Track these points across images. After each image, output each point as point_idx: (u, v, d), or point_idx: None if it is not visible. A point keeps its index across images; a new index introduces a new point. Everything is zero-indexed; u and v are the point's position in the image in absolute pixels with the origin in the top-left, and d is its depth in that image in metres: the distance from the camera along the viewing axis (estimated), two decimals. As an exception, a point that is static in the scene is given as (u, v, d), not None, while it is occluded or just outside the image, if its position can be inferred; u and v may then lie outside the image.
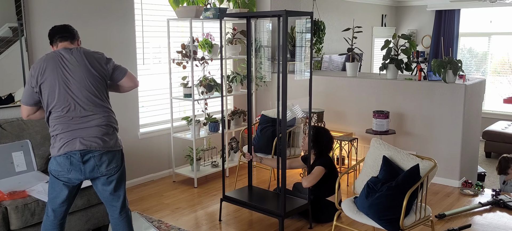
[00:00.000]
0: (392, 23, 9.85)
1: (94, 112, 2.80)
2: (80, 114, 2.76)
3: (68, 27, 2.95)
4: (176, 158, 5.29)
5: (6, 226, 3.10)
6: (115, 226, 2.97)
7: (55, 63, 2.77)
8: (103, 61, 2.89)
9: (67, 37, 2.90)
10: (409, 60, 5.48)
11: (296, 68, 6.27)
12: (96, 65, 2.85)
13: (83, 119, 2.76)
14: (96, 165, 2.76)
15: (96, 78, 2.83)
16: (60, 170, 2.75)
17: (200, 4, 5.17)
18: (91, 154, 2.73)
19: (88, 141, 2.73)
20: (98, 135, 2.76)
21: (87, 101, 2.78)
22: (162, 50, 5.28)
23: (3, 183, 3.40)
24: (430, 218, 3.22)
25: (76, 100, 2.76)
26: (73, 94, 2.76)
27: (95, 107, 2.81)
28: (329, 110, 5.70)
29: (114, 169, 2.83)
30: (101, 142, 2.76)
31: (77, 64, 2.79)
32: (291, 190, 4.33)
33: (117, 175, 2.86)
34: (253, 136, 4.88)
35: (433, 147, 5.10)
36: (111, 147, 2.81)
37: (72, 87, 2.76)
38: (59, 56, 2.79)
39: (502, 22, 9.01)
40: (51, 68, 2.75)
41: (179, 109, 5.49)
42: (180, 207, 4.43)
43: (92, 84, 2.80)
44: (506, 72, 9.30)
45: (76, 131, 2.74)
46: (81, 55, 2.82)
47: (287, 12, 3.38)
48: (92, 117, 2.78)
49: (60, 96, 2.74)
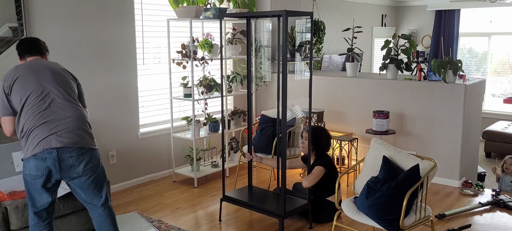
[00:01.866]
0: (392, 23, 9.85)
1: (68, 106, 2.76)
2: (55, 104, 2.71)
3: (36, 41, 2.98)
4: (176, 158, 5.29)
5: (6, 226, 3.10)
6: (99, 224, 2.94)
7: (26, 67, 2.80)
8: (70, 75, 2.93)
9: (35, 53, 2.92)
10: (409, 60, 5.48)
11: (296, 68, 6.27)
12: (65, 73, 2.89)
13: (57, 110, 2.71)
14: (73, 165, 2.69)
15: (67, 79, 2.86)
16: (34, 174, 2.65)
17: (200, 4, 5.17)
18: (68, 154, 2.67)
19: (64, 137, 2.66)
20: (75, 129, 2.71)
21: (59, 93, 2.76)
22: (162, 50, 5.28)
23: (3, 183, 3.40)
24: (430, 218, 3.22)
25: (50, 88, 2.74)
26: (46, 84, 2.74)
27: (68, 102, 2.78)
28: (329, 110, 5.70)
29: (92, 169, 2.79)
30: (77, 137, 2.70)
31: (48, 66, 2.83)
32: (291, 190, 4.33)
33: (96, 175, 2.82)
34: (253, 136, 4.88)
35: (433, 147, 5.10)
36: (89, 144, 2.76)
37: (45, 78, 2.76)
38: (29, 63, 2.84)
39: (502, 22, 9.01)
40: (23, 71, 2.77)
41: (179, 109, 5.49)
42: (180, 207, 4.43)
43: (64, 82, 2.82)
44: (506, 72, 9.30)
45: (51, 122, 2.67)
46: (50, 63, 2.89)
47: (287, 12, 3.38)
48: (66, 108, 2.74)
49: (33, 84, 2.71)
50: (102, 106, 4.62)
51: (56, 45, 4.19)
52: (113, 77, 4.69)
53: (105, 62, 4.61)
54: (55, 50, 4.20)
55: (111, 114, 4.72)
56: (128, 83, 4.84)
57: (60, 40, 4.22)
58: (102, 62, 4.58)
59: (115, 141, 4.79)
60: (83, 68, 4.41)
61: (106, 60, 4.61)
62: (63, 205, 3.31)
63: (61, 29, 4.22)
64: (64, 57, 4.26)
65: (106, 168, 4.67)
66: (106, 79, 4.64)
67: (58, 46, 4.21)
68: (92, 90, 4.51)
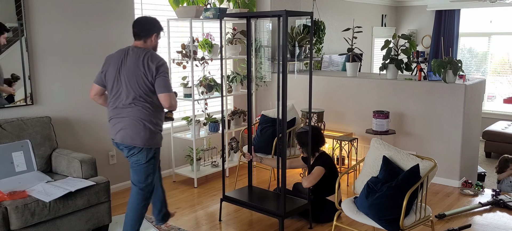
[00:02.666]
0: (392, 23, 9.85)
1: (132, 107, 3.14)
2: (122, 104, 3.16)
3: (142, 23, 3.25)
4: (176, 158, 5.29)
5: (6, 226, 3.10)
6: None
7: (118, 58, 3.22)
8: (147, 68, 3.13)
9: (140, 36, 3.22)
10: (409, 60, 5.48)
11: (296, 68, 6.28)
12: (143, 68, 3.13)
13: (122, 110, 3.16)
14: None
15: (142, 79, 3.14)
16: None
17: (200, 4, 5.17)
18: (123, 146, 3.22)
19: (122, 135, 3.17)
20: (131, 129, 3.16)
21: (126, 96, 3.15)
22: (162, 50, 5.27)
23: (3, 183, 3.40)
24: (430, 218, 3.23)
25: (122, 90, 3.17)
26: (121, 85, 3.17)
27: (134, 104, 3.15)
28: (329, 110, 5.70)
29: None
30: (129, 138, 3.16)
31: (130, 64, 3.16)
32: (291, 190, 4.33)
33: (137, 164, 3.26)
34: (253, 136, 4.88)
35: (433, 147, 5.10)
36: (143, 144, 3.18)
37: (122, 81, 3.16)
38: (125, 52, 3.23)
39: (502, 22, 9.01)
40: (114, 60, 3.22)
41: (179, 109, 5.48)
42: (180, 207, 4.43)
43: (137, 83, 3.13)
44: (506, 72, 9.30)
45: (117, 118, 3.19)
46: (136, 57, 3.16)
47: (287, 12, 3.38)
48: (129, 110, 3.14)
49: (113, 84, 3.19)
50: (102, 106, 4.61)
51: (56, 45, 4.19)
52: (113, 77, 4.69)
53: (105, 62, 4.60)
54: (55, 50, 4.20)
55: (111, 115, 4.71)
56: (128, 83, 4.83)
57: (60, 40, 4.22)
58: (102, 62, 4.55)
59: (115, 141, 4.79)
60: (83, 68, 4.41)
61: (106, 60, 4.60)
62: (63, 205, 3.31)
63: (61, 29, 4.22)
64: (64, 57, 4.26)
65: (106, 168, 4.70)
66: (106, 79, 4.63)
67: (58, 46, 4.21)
68: (92, 90, 4.51)
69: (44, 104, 4.16)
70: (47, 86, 4.17)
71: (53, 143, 3.94)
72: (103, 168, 4.62)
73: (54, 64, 4.20)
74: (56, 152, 3.89)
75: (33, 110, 4.08)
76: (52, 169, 3.88)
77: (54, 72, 4.20)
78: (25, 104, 4.02)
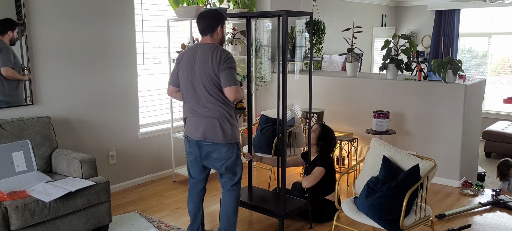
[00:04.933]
0: (392, 23, 9.85)
1: (207, 106, 3.18)
2: (196, 103, 3.21)
3: (205, 19, 3.26)
4: (176, 158, 5.29)
5: (6, 226, 3.10)
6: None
7: (188, 56, 3.25)
8: (216, 64, 3.13)
9: (206, 32, 3.24)
10: (409, 60, 5.48)
11: (296, 68, 6.27)
12: (212, 65, 3.13)
13: (195, 107, 3.22)
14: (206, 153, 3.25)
15: (212, 76, 3.15)
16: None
17: (200, 4, 5.17)
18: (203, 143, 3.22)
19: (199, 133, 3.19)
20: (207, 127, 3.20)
21: (200, 94, 3.18)
22: (162, 50, 5.28)
23: (3, 183, 3.40)
24: (430, 218, 3.22)
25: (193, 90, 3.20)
26: (194, 85, 3.19)
27: (207, 101, 3.18)
28: (329, 110, 5.70)
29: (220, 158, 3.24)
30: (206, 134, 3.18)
31: (199, 62, 3.17)
32: (290, 190, 4.33)
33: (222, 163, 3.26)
34: (253, 136, 4.88)
35: (433, 147, 5.10)
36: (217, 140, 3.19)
37: (194, 79, 3.18)
38: (194, 49, 3.25)
39: (502, 22, 9.01)
40: (185, 59, 3.26)
41: (179, 109, 5.48)
42: (180, 207, 4.43)
43: (209, 81, 3.14)
44: (506, 72, 9.30)
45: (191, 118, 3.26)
46: (205, 54, 3.17)
47: (287, 12, 3.38)
48: (204, 110, 3.19)
49: (186, 84, 3.23)
50: (102, 106, 4.63)
51: (56, 45, 4.19)
52: (113, 77, 4.69)
53: (105, 62, 4.61)
54: (55, 50, 4.20)
55: (111, 115, 4.72)
56: (128, 83, 4.84)
57: (60, 40, 4.22)
58: (102, 62, 4.58)
59: (115, 141, 4.79)
60: (83, 68, 4.41)
61: (106, 60, 4.61)
62: (63, 205, 3.31)
63: (61, 29, 4.22)
64: (64, 57, 4.26)
65: (106, 168, 4.70)
66: (106, 79, 4.64)
67: (58, 46, 4.21)
68: (92, 90, 4.51)
69: (44, 104, 4.16)
70: (47, 86, 4.17)
71: (53, 143, 3.94)
72: (103, 168, 4.63)
73: (54, 64, 4.20)
74: (56, 152, 3.89)
75: (33, 110, 4.08)
76: (52, 169, 3.88)
77: (54, 72, 4.20)
78: (25, 104, 4.02)
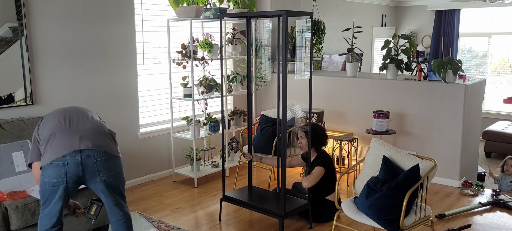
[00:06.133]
0: (392, 23, 9.84)
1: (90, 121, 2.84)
2: (77, 119, 2.80)
3: None
4: (176, 158, 5.29)
5: (6, 226, 3.10)
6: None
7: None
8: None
9: None
10: (409, 60, 5.48)
11: (296, 68, 6.27)
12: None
13: (79, 123, 2.78)
14: (97, 170, 2.67)
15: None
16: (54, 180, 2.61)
17: (200, 4, 5.17)
18: (93, 158, 2.65)
19: (88, 141, 2.68)
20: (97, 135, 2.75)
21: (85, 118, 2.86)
22: (162, 50, 5.28)
23: (3, 183, 3.40)
24: (430, 218, 3.23)
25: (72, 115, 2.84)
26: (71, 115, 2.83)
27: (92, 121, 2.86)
28: (329, 110, 5.70)
29: (113, 175, 2.76)
30: (100, 142, 2.72)
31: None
32: (290, 190, 4.33)
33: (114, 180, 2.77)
34: (253, 136, 4.88)
35: (433, 147, 5.09)
36: (111, 151, 2.75)
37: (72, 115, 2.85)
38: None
39: (502, 22, 9.00)
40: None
41: (179, 109, 5.49)
42: (180, 207, 4.43)
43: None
44: (506, 72, 9.30)
45: (74, 131, 2.71)
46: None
47: (287, 12, 3.38)
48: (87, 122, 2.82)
49: (58, 114, 2.82)
50: (102, 106, 4.62)
51: (56, 45, 4.19)
52: (113, 77, 4.69)
53: (105, 62, 4.61)
54: (55, 50, 4.20)
55: (111, 115, 4.72)
56: (128, 83, 4.84)
57: (60, 40, 4.22)
58: (102, 62, 4.58)
59: (115, 141, 4.79)
60: (83, 68, 4.41)
61: (106, 60, 4.61)
62: (63, 205, 3.31)
63: (61, 29, 4.22)
64: (64, 57, 4.26)
65: (106, 168, 4.69)
66: (106, 79, 4.64)
67: (58, 46, 4.21)
68: (92, 90, 4.51)
69: (44, 104, 4.16)
70: (47, 86, 4.17)
71: (53, 143, 3.93)
72: (103, 168, 4.62)
73: (54, 64, 4.20)
74: (56, 152, 3.88)
75: (33, 110, 4.08)
76: (52, 169, 3.87)
77: (54, 72, 4.20)
78: (25, 104, 4.02)
